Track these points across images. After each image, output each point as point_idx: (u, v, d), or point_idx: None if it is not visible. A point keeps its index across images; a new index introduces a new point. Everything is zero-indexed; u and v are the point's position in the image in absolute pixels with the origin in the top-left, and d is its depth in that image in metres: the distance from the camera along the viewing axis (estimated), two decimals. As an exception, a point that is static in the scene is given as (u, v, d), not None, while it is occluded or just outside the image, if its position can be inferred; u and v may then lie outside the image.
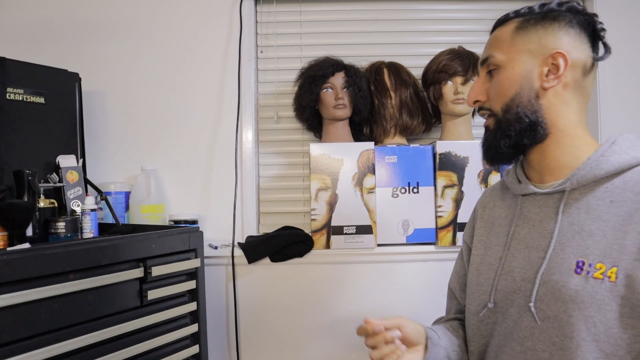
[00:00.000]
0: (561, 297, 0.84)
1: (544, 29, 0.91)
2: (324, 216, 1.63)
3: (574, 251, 0.85)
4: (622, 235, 0.80)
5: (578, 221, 0.87)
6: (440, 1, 1.93)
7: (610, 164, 0.86)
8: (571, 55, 0.89)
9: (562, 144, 0.92)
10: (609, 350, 0.79)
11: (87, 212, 1.41)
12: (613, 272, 0.79)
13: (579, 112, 0.92)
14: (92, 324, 1.11)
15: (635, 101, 1.91)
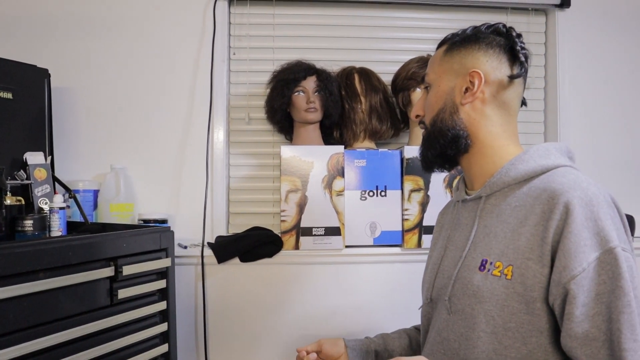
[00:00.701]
0: (467, 292, 0.93)
1: (466, 50, 1.01)
2: (293, 217, 1.66)
3: (482, 251, 0.94)
4: (517, 236, 0.88)
5: (490, 224, 0.95)
6: (410, 10, 1.98)
7: (517, 172, 0.94)
8: (488, 74, 0.98)
9: (484, 154, 1.00)
10: (506, 343, 0.86)
11: (56, 210, 1.40)
12: (509, 270, 0.87)
13: (502, 124, 1.00)
14: (62, 323, 1.10)
15: (593, 110, 2.01)
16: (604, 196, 0.84)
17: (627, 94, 2.05)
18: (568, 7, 1.96)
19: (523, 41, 1.01)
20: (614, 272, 0.78)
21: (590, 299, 0.78)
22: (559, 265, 0.81)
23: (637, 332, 0.77)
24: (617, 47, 2.04)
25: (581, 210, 0.81)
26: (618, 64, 2.04)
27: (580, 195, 0.83)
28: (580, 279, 0.79)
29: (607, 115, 2.03)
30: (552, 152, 0.96)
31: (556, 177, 0.89)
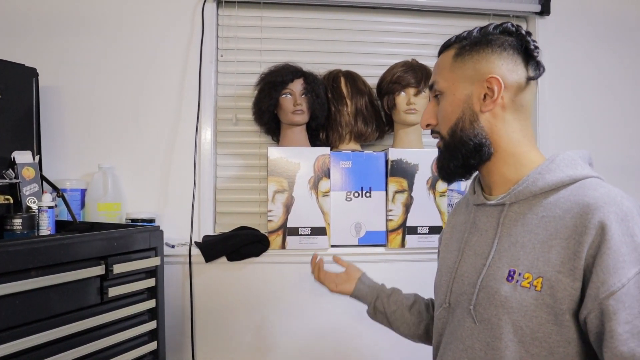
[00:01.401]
0: (494, 302, 0.91)
1: (478, 54, 0.97)
2: (280, 217, 1.68)
3: (508, 260, 0.91)
4: (548, 248, 0.86)
5: (514, 233, 0.93)
6: (396, 15, 2.02)
7: (544, 181, 0.91)
8: (506, 78, 0.94)
9: (506, 161, 0.97)
10: (534, 352, 0.86)
11: (45, 209, 1.41)
12: (539, 282, 0.85)
13: (521, 129, 0.97)
14: (53, 321, 1.12)
15: (571, 114, 2.08)
16: (637, 209, 0.84)
17: (604, 99, 2.12)
18: (548, 14, 2.02)
19: (534, 39, 0.98)
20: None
21: (633, 317, 0.78)
22: (596, 281, 0.80)
23: None
24: (594, 53, 2.11)
25: (618, 227, 0.80)
26: (595, 70, 2.12)
27: (616, 211, 0.82)
28: (620, 294, 0.78)
29: (584, 119, 2.10)
30: (578, 162, 0.94)
31: (588, 191, 0.87)
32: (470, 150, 0.98)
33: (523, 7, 2.01)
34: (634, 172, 2.13)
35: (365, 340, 1.76)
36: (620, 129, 2.13)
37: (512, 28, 0.98)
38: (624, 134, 2.13)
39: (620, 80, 2.13)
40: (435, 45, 2.00)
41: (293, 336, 1.74)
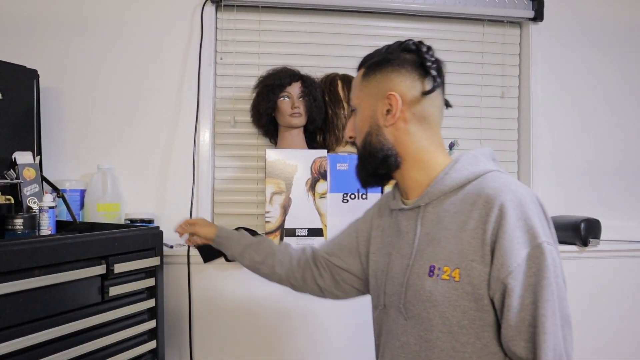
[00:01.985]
0: (421, 297, 0.98)
1: (381, 73, 1.05)
2: (277, 219, 1.71)
3: (428, 257, 0.98)
4: (460, 241, 0.94)
5: (431, 231, 1.00)
6: (392, 20, 2.06)
7: (451, 180, 1.00)
8: (404, 94, 1.02)
9: (415, 167, 1.05)
10: (463, 340, 0.93)
11: (45, 210, 1.42)
12: (457, 273, 0.93)
13: (427, 138, 1.04)
14: (55, 319, 1.14)
15: (563, 118, 2.12)
16: (530, 197, 0.93)
17: (596, 103, 2.16)
18: (541, 20, 2.06)
19: (433, 54, 1.04)
20: (541, 264, 0.86)
21: (523, 290, 0.87)
22: (497, 263, 0.89)
23: (557, 318, 0.86)
24: (586, 59, 2.15)
25: (513, 212, 0.89)
26: (588, 75, 2.16)
27: (511, 198, 0.90)
28: (516, 273, 0.87)
29: (577, 124, 2.14)
30: (480, 159, 1.03)
31: (488, 183, 0.96)
32: (378, 161, 1.06)
33: (517, 13, 2.05)
34: (628, 175, 2.17)
35: (367, 341, 1.78)
36: (614, 134, 2.17)
37: (412, 46, 1.05)
38: (618, 138, 2.17)
39: (613, 85, 2.17)
40: (431, 50, 2.05)
41: (290, 336, 1.76)
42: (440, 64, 1.05)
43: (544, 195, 2.01)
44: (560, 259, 0.91)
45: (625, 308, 2.00)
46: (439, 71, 1.03)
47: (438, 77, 1.03)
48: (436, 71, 1.02)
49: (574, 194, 2.13)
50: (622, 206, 2.16)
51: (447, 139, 1.95)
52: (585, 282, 1.96)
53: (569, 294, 0.92)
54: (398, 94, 1.02)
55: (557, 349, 0.85)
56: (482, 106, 2.13)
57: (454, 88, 2.09)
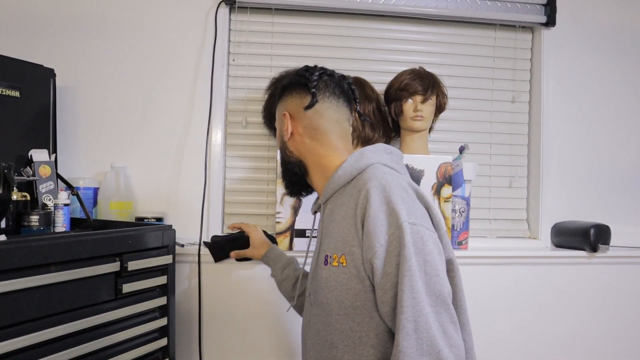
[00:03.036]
0: (320, 284, 1.09)
1: (281, 98, 1.27)
2: (288, 219, 1.72)
3: (325, 248, 1.10)
4: (342, 229, 1.05)
5: (328, 225, 1.12)
6: (404, 23, 2.06)
7: (339, 177, 1.12)
8: (294, 112, 1.22)
9: (318, 172, 1.20)
10: (358, 320, 1.01)
11: (61, 207, 1.45)
12: (343, 259, 1.03)
13: (322, 145, 1.19)
14: (70, 314, 1.16)
15: (574, 123, 2.12)
16: (397, 182, 1.02)
17: (607, 109, 2.16)
18: (554, 26, 2.07)
19: (320, 75, 1.21)
20: (401, 243, 0.94)
21: (391, 269, 0.95)
22: (365, 245, 0.98)
23: (417, 292, 0.92)
24: (599, 65, 2.15)
25: (377, 197, 0.99)
26: (599, 81, 2.16)
27: (376, 185, 1.00)
28: (379, 253, 0.95)
29: (588, 129, 2.14)
30: (365, 155, 1.13)
31: (364, 174, 1.07)
32: (289, 171, 1.26)
33: (529, 17, 2.05)
34: (638, 182, 2.17)
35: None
36: (625, 139, 2.17)
37: (303, 71, 1.24)
38: (628, 144, 2.17)
39: (624, 91, 2.17)
40: (443, 53, 2.07)
41: (296, 333, 1.77)
42: (331, 81, 1.22)
43: (553, 201, 2.06)
44: (434, 238, 0.99)
45: (635, 314, 2.00)
46: (325, 88, 1.20)
47: (324, 94, 1.20)
48: (319, 89, 1.19)
49: (584, 199, 2.13)
50: (632, 212, 2.16)
51: (458, 142, 1.96)
52: (594, 287, 1.96)
53: (576, 299, 0.95)
54: (289, 112, 1.22)
55: (420, 322, 0.91)
56: (492, 110, 2.13)
57: (464, 92, 2.10)
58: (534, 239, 2.10)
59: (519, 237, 2.14)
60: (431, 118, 1.87)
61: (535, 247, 2.03)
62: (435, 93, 1.84)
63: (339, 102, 1.21)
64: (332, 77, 1.24)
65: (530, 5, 2.06)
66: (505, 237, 2.12)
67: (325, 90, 1.20)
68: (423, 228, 0.97)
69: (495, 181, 2.13)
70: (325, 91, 1.20)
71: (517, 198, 2.16)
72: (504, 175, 2.14)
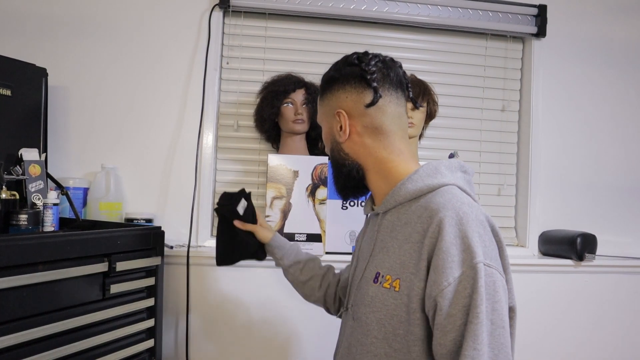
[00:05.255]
0: (364, 301, 1.00)
1: (330, 92, 1.10)
2: (277, 223, 1.73)
3: (376, 264, 1.01)
4: (403, 252, 0.95)
5: (385, 238, 1.02)
6: (396, 31, 2.09)
7: (406, 191, 1.00)
8: (350, 109, 1.06)
9: (378, 176, 1.07)
10: (396, 347, 0.93)
11: (50, 206, 1.45)
12: (397, 283, 0.93)
13: (385, 147, 1.05)
14: (57, 314, 1.16)
15: (563, 133, 2.14)
16: (475, 215, 0.90)
17: (596, 119, 2.19)
18: (544, 36, 2.10)
19: (377, 63, 1.06)
20: (473, 285, 0.83)
21: (456, 311, 0.84)
22: (430, 280, 0.87)
23: (480, 342, 0.82)
24: (588, 75, 2.18)
25: (451, 229, 0.87)
26: (588, 92, 2.19)
27: (452, 215, 0.89)
28: (446, 292, 0.84)
29: (576, 139, 2.17)
30: (440, 171, 1.00)
31: (436, 197, 0.95)
32: (344, 174, 1.11)
33: (520, 28, 2.08)
34: (625, 192, 2.20)
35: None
36: (613, 150, 2.20)
37: (355, 60, 1.07)
38: (617, 154, 2.20)
39: (613, 102, 2.20)
40: (434, 61, 2.09)
41: (288, 340, 1.78)
42: (388, 71, 1.06)
43: (541, 209, 2.07)
44: (504, 283, 0.89)
45: (619, 322, 2.03)
46: (384, 79, 1.05)
47: (384, 87, 1.05)
48: (379, 81, 1.04)
49: (571, 208, 2.15)
50: (618, 222, 2.19)
51: (447, 150, 1.98)
52: (580, 296, 1.99)
53: (563, 307, 0.91)
54: (345, 110, 1.06)
55: None
56: (482, 119, 2.15)
57: (455, 100, 2.12)
58: (522, 246, 2.12)
59: (506, 244, 2.14)
60: (421, 125, 1.89)
61: (523, 255, 2.05)
62: (426, 100, 1.85)
63: (398, 94, 1.07)
64: (386, 63, 1.08)
65: (522, 16, 2.09)
66: (493, 245, 2.13)
67: (385, 82, 1.05)
68: (496, 272, 0.87)
69: (484, 189, 2.15)
70: (384, 82, 1.05)
71: (506, 206, 2.18)
72: (492, 183, 2.16)
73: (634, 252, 2.12)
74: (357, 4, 1.97)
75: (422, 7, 2.01)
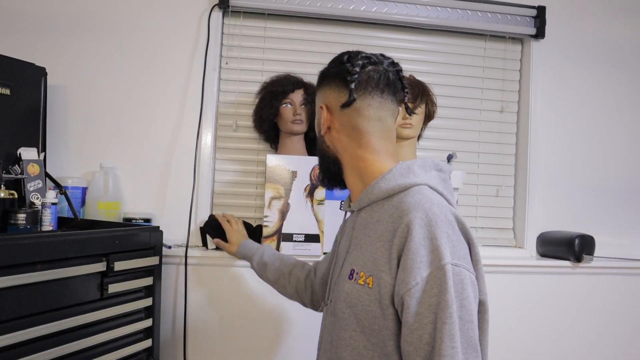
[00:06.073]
0: (340, 297, 1.02)
1: (320, 87, 1.15)
2: (275, 223, 1.73)
3: (352, 261, 1.03)
4: (375, 249, 0.97)
5: (359, 236, 1.04)
6: (395, 32, 2.09)
7: (379, 189, 1.02)
8: (331, 106, 1.10)
9: (352, 173, 1.10)
10: (373, 340, 0.95)
11: (48, 206, 1.45)
12: (370, 280, 0.95)
13: (360, 146, 1.07)
14: (55, 313, 1.16)
15: (562, 134, 2.15)
16: (445, 215, 0.92)
17: (594, 121, 2.19)
18: (543, 38, 2.10)
19: (362, 65, 1.06)
20: (442, 286, 0.86)
21: (424, 309, 0.86)
22: (399, 278, 0.90)
23: (456, 340, 0.84)
24: (586, 77, 2.19)
25: (420, 230, 0.89)
26: (587, 93, 2.19)
27: (421, 216, 0.91)
28: (414, 291, 0.87)
29: (574, 140, 2.17)
30: (412, 171, 1.02)
31: (407, 197, 0.96)
32: (325, 165, 1.16)
33: (518, 29, 2.08)
34: (623, 193, 2.20)
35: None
36: (611, 151, 2.20)
37: (343, 59, 1.10)
38: (615, 156, 2.21)
39: (611, 103, 2.20)
40: (433, 62, 2.10)
41: (287, 341, 1.78)
42: (375, 73, 1.07)
43: (539, 211, 2.08)
44: (473, 280, 0.91)
45: (617, 323, 2.03)
46: (367, 82, 1.06)
47: (365, 89, 1.06)
48: (360, 83, 1.05)
49: (570, 209, 2.15)
50: (616, 223, 2.19)
51: (446, 150, 1.98)
52: (577, 297, 1.99)
53: (560, 308, 0.92)
54: (327, 105, 1.10)
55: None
56: (481, 120, 2.16)
57: (454, 101, 2.12)
58: (520, 248, 2.12)
59: (504, 245, 2.16)
60: (420, 126, 1.89)
61: (521, 256, 2.06)
62: (424, 101, 1.85)
63: (383, 97, 1.07)
64: (376, 66, 1.08)
65: (520, 17, 2.09)
66: (491, 246, 2.14)
67: (368, 85, 1.06)
68: (464, 270, 0.89)
69: (483, 190, 2.16)
70: (367, 85, 1.06)
71: (504, 207, 2.18)
72: (491, 184, 2.17)
73: (632, 253, 2.12)
74: (355, 5, 1.97)
75: (421, 8, 2.01)
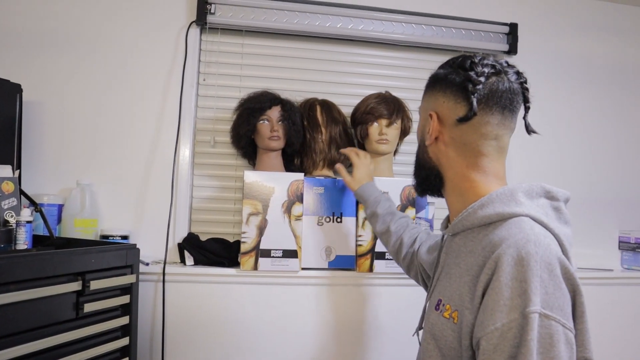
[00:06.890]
0: (427, 327, 0.98)
1: (432, 90, 1.03)
2: (253, 239, 1.73)
3: (440, 290, 0.97)
4: (463, 283, 0.89)
5: (450, 263, 0.97)
6: (371, 48, 2.12)
7: (476, 216, 0.92)
8: (444, 115, 0.98)
9: (453, 192, 1.01)
10: None
11: (23, 224, 1.43)
12: (455, 315, 0.88)
13: (468, 165, 0.97)
14: (28, 334, 1.14)
15: (536, 149, 2.19)
16: (542, 256, 0.79)
17: (565, 134, 2.25)
18: (515, 54, 2.15)
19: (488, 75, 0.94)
20: (522, 336, 0.75)
21: (502, 358, 0.76)
22: (479, 319, 0.81)
23: None
24: (559, 92, 2.25)
25: (508, 269, 0.79)
26: (560, 108, 2.25)
27: (512, 254, 0.80)
28: (492, 336, 0.77)
29: (549, 154, 2.23)
30: (515, 198, 0.90)
31: (502, 230, 0.85)
32: (423, 175, 1.07)
33: (492, 46, 2.13)
34: (598, 205, 2.26)
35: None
36: (585, 164, 2.26)
37: (466, 64, 0.96)
38: (589, 168, 2.27)
39: (584, 117, 2.27)
40: (408, 78, 2.13)
41: (262, 357, 1.78)
42: (500, 86, 0.95)
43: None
44: (568, 337, 0.79)
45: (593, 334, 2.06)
46: (489, 96, 0.94)
47: (487, 104, 0.94)
48: (482, 97, 0.93)
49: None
50: (591, 235, 2.24)
51: (422, 165, 2.01)
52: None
53: None
54: (439, 114, 0.98)
55: None
56: (456, 134, 2.19)
57: (429, 116, 2.15)
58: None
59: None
60: (396, 141, 1.92)
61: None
62: (400, 117, 1.88)
63: (504, 114, 0.96)
64: (500, 76, 0.95)
65: (494, 34, 2.14)
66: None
67: (490, 99, 0.94)
68: (557, 324, 0.76)
69: (458, 203, 2.18)
70: (489, 100, 0.94)
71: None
72: (466, 197, 2.19)
73: (606, 264, 2.17)
74: (332, 22, 2.00)
75: (397, 25, 2.05)
